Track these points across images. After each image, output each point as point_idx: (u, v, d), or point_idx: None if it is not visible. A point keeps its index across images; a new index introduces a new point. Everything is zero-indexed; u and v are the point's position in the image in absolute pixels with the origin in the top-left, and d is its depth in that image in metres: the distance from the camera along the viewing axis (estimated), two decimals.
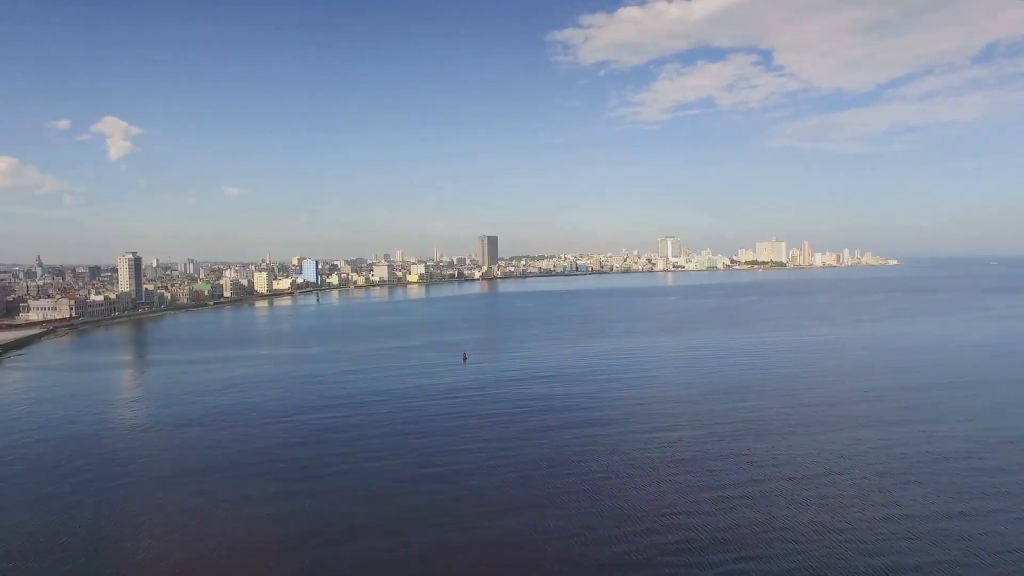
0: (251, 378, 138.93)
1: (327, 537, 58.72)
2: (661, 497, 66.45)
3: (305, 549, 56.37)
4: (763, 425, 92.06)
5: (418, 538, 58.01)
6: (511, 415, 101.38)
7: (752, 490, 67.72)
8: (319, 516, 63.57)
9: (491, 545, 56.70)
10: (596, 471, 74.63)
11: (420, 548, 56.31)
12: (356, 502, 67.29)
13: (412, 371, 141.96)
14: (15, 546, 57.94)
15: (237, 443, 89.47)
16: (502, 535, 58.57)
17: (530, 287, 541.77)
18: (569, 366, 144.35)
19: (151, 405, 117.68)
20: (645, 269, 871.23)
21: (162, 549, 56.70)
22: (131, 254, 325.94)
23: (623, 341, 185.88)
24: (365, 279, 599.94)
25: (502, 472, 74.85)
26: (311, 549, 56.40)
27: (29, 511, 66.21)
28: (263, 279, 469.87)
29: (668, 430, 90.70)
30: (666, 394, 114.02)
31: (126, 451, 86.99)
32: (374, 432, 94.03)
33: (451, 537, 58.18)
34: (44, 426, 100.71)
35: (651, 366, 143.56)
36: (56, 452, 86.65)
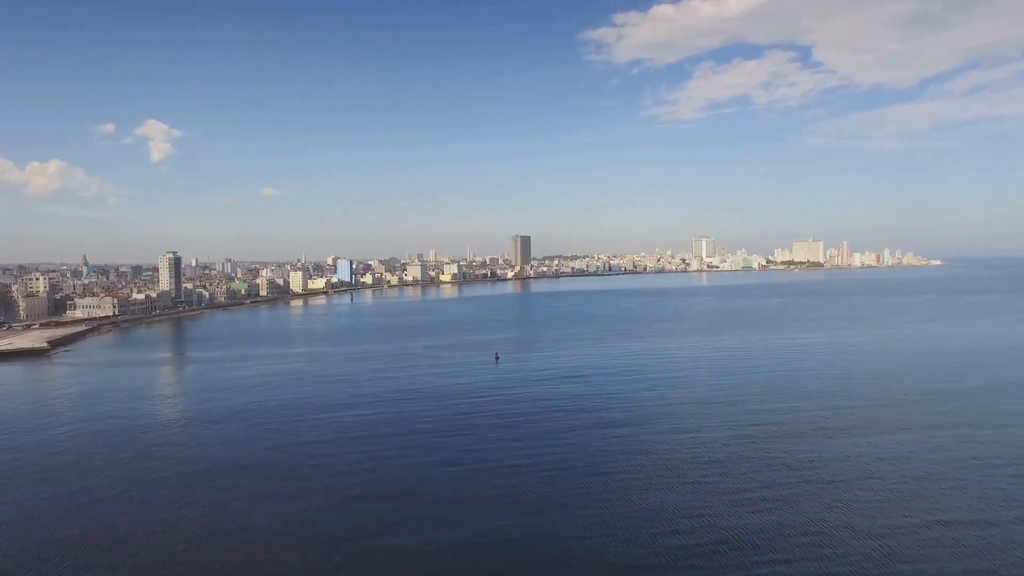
0: (285, 376, 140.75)
1: (352, 534, 58.89)
2: (693, 498, 65.23)
3: (330, 545, 56.52)
4: (799, 427, 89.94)
5: (448, 535, 57.85)
6: (543, 414, 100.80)
7: (787, 492, 66.13)
8: (346, 513, 63.86)
9: (521, 543, 56.24)
10: (628, 471, 73.66)
11: (449, 545, 56.13)
12: (384, 499, 67.45)
13: (444, 370, 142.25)
14: (54, 534, 59.42)
15: (268, 439, 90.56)
16: (533, 533, 58.08)
17: (563, 287, 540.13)
18: (601, 366, 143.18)
19: (187, 401, 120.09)
20: (679, 269, 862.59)
21: (190, 544, 57.41)
22: (171, 254, 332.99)
23: (657, 342, 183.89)
24: (399, 279, 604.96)
25: (534, 471, 74.39)
26: (336, 545, 56.54)
27: (69, 502, 67.93)
28: (298, 278, 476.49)
29: (701, 431, 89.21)
30: (699, 395, 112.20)
31: (162, 445, 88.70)
32: (404, 430, 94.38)
33: (479, 535, 57.93)
34: (87, 419, 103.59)
35: (685, 367, 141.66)
36: (97, 445, 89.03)
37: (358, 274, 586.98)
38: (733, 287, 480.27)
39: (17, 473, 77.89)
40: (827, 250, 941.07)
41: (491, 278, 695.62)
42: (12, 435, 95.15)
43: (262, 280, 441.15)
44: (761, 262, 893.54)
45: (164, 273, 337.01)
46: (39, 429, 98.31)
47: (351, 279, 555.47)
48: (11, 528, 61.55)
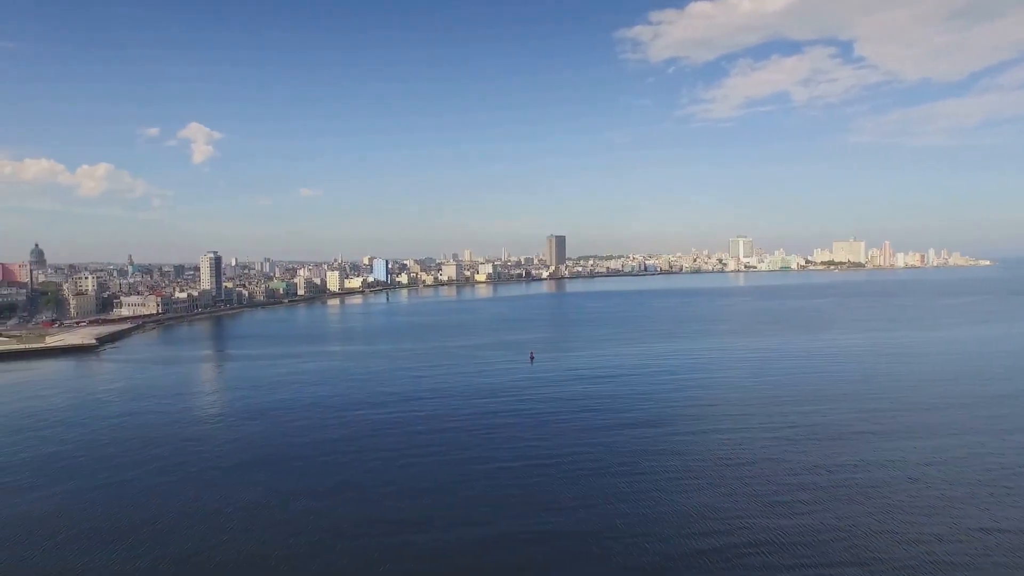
0: (322, 373, 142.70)
1: (386, 529, 59.25)
2: (728, 499, 64.15)
3: (364, 539, 56.99)
4: (840, 430, 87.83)
5: (480, 532, 57.95)
6: (577, 413, 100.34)
7: (826, 495, 64.69)
8: (379, 508, 64.31)
9: (553, 541, 55.94)
10: (661, 471, 72.90)
11: (482, 542, 56.24)
12: (417, 495, 67.86)
13: (479, 369, 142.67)
14: (94, 525, 61.02)
15: (304, 434, 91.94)
16: (565, 532, 57.78)
17: (598, 287, 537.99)
18: (636, 367, 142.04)
19: (227, 397, 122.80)
20: (715, 269, 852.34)
21: (229, 536, 58.46)
22: (212, 253, 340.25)
23: (692, 342, 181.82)
24: (434, 278, 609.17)
25: (568, 469, 74.12)
26: (369, 539, 56.97)
27: (114, 493, 69.73)
28: (335, 278, 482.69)
29: (737, 433, 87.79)
30: (736, 397, 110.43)
31: (202, 439, 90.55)
32: (438, 427, 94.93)
33: (512, 532, 57.82)
34: (133, 414, 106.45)
35: (721, 369, 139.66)
36: (142, 439, 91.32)
37: (394, 274, 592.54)
38: (771, 288, 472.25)
39: (68, 465, 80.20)
40: (869, 250, 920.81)
41: (526, 278, 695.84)
42: (64, 428, 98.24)
43: (300, 279, 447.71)
44: (800, 262, 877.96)
45: (205, 272, 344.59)
46: (88, 423, 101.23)
47: (387, 279, 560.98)
48: (61, 518, 63.29)
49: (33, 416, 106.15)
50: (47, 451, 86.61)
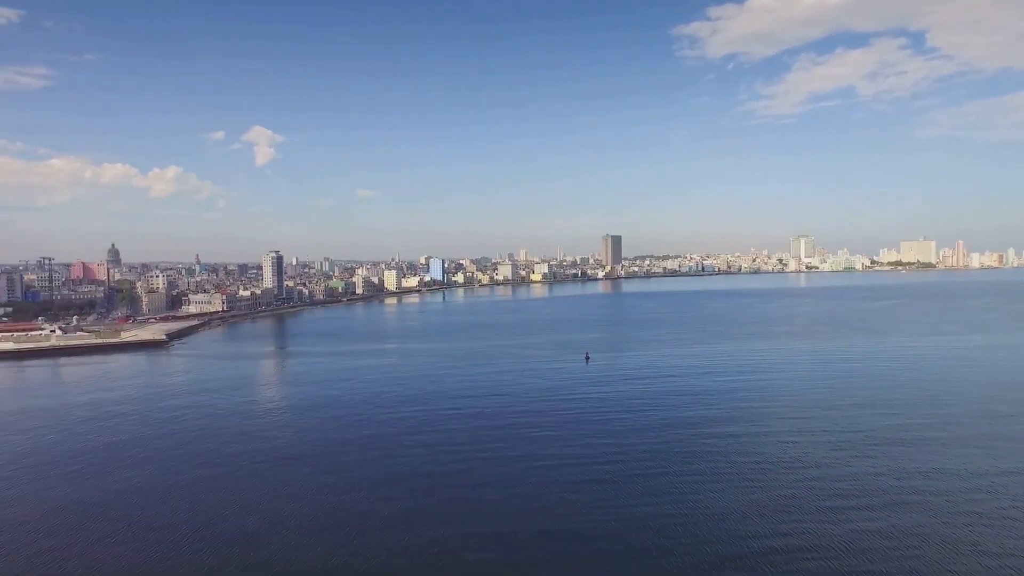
0: (377, 370, 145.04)
1: (435, 520, 59.50)
2: (789, 501, 62.06)
3: (418, 530, 57.27)
4: (907, 436, 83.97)
5: (533, 526, 57.63)
6: (632, 413, 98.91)
7: (892, 499, 62.00)
8: (434, 500, 64.65)
9: (606, 536, 55.32)
10: (718, 471, 71.29)
11: (534, 536, 56.04)
12: (468, 488, 68.63)
13: (534, 369, 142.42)
14: (162, 511, 63.16)
15: (356, 429, 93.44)
16: (618, 527, 57.18)
17: (654, 287, 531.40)
18: (693, 368, 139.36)
19: (285, 392, 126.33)
20: (776, 270, 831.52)
21: (287, 526, 59.74)
22: (274, 253, 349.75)
23: (751, 344, 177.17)
24: (490, 278, 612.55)
25: (622, 466, 73.32)
26: (422, 531, 57.23)
27: (179, 481, 72.15)
28: (392, 277, 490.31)
29: (798, 435, 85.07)
30: (796, 400, 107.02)
31: (258, 433, 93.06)
32: (494, 424, 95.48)
33: (565, 527, 57.26)
34: (199, 407, 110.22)
35: (780, 371, 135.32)
36: (201, 431, 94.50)
37: (450, 273, 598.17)
38: (834, 289, 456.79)
39: (131, 454, 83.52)
40: (940, 250, 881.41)
41: (581, 278, 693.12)
42: (132, 419, 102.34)
43: (358, 279, 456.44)
44: (865, 263, 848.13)
45: (267, 271, 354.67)
46: (155, 415, 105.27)
47: (443, 278, 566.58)
48: (128, 504, 65.89)
49: (106, 407, 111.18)
50: (113, 440, 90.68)
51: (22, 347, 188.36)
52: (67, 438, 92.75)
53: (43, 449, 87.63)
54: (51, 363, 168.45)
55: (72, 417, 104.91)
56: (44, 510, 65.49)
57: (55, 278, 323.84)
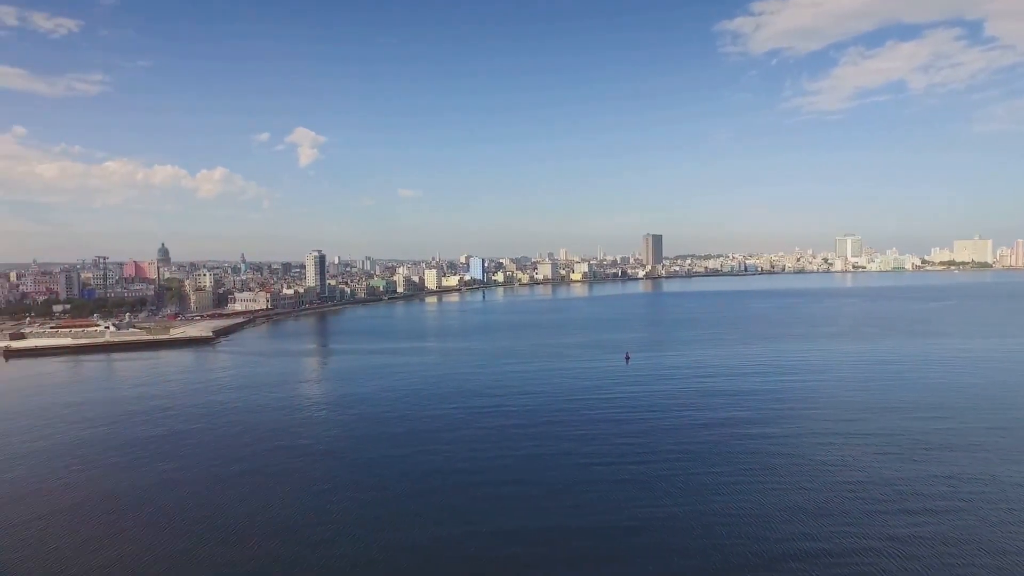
0: (417, 368, 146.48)
1: (468, 515, 60.00)
2: (832, 503, 60.75)
3: (443, 524, 57.89)
4: (962, 441, 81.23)
5: (571, 522, 57.62)
6: (672, 414, 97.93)
7: (947, 505, 60.25)
8: (462, 496, 65.28)
9: (644, 531, 55.28)
10: (759, 471, 70.15)
11: (571, 530, 56.07)
12: (503, 484, 69.26)
13: (573, 368, 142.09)
14: (204, 502, 65.09)
15: (394, 425, 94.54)
16: (657, 524, 56.91)
17: (695, 287, 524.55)
18: (735, 369, 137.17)
19: (326, 389, 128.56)
20: (821, 270, 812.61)
21: (327, 516, 60.93)
22: (316, 252, 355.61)
23: (795, 345, 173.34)
24: (530, 277, 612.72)
25: (663, 465, 72.81)
26: (449, 525, 57.82)
27: (224, 471, 74.28)
28: (433, 276, 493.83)
29: (845, 438, 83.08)
30: (843, 402, 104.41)
31: (300, 428, 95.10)
32: (532, 421, 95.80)
33: (601, 522, 57.18)
34: (243, 401, 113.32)
35: (826, 373, 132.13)
36: (248, 424, 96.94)
37: (490, 272, 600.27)
38: (882, 289, 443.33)
39: (184, 447, 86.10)
40: (997, 249, 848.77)
41: (621, 277, 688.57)
42: (179, 413, 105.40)
43: (399, 277, 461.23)
44: (915, 262, 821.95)
45: (310, 270, 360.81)
46: (204, 409, 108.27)
47: (483, 277, 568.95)
48: (173, 494, 68.03)
49: (155, 401, 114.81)
50: (161, 433, 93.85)
51: (79, 342, 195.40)
52: (119, 430, 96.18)
53: (98, 439, 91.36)
54: (105, 358, 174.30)
55: (124, 410, 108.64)
56: (97, 496, 68.61)
57: (109, 276, 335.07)
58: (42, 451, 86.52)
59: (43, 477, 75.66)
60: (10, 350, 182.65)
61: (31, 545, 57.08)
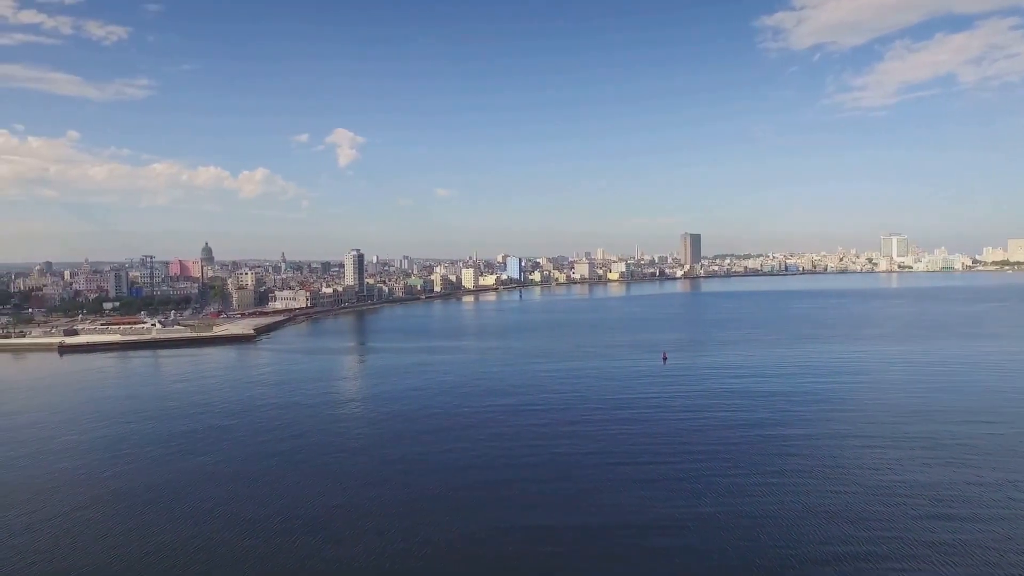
0: (453, 366, 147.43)
1: (500, 511, 59.98)
2: (874, 509, 59.14)
3: (475, 520, 58.03)
4: (1010, 446, 78.29)
5: (604, 519, 57.27)
6: (709, 415, 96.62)
7: (993, 512, 57.93)
8: (494, 492, 65.39)
9: (676, 530, 54.80)
10: (799, 473, 68.70)
11: (603, 527, 55.91)
12: (536, 482, 69.36)
13: (609, 368, 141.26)
14: (246, 494, 66.41)
15: (429, 421, 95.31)
16: (695, 523, 56.33)
17: (735, 287, 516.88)
18: (774, 370, 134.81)
19: (363, 385, 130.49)
20: (864, 270, 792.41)
21: (363, 507, 61.66)
22: (355, 251, 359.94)
23: (837, 347, 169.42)
24: (566, 276, 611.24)
25: (698, 466, 71.88)
26: (481, 520, 57.91)
27: (261, 465, 75.81)
28: (470, 275, 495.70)
29: (890, 441, 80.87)
30: (888, 405, 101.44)
31: (337, 423, 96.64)
32: (564, 419, 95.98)
33: (634, 521, 56.74)
34: (283, 397, 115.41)
35: (870, 375, 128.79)
36: (287, 420, 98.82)
37: (527, 271, 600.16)
38: (929, 290, 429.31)
39: (226, 441, 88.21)
40: None
41: (659, 277, 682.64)
42: (221, 408, 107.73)
43: (436, 277, 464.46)
44: (966, 262, 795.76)
45: (349, 269, 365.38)
46: (244, 405, 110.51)
47: (520, 276, 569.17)
48: (215, 486, 69.62)
49: (199, 396, 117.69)
50: (204, 426, 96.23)
51: (127, 339, 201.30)
52: (163, 423, 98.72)
53: (143, 432, 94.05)
54: (152, 355, 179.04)
55: (168, 404, 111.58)
56: (139, 487, 70.72)
57: (156, 275, 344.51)
58: (90, 442, 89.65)
59: (91, 467, 78.25)
60: (64, 346, 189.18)
61: (75, 533, 59.02)
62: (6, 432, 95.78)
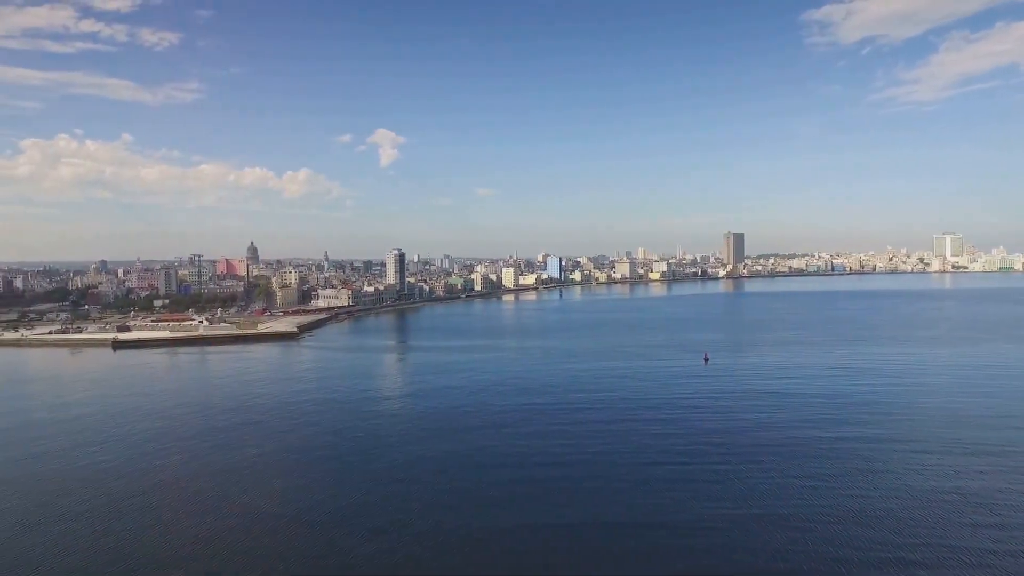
0: (492, 365, 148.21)
1: (536, 506, 60.10)
2: (923, 514, 57.59)
3: (509, 514, 58.29)
4: None
5: (648, 518, 57.09)
6: (750, 416, 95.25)
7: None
8: (530, 487, 65.47)
9: (718, 530, 53.93)
10: (848, 477, 67.36)
11: (646, 525, 55.96)
12: (581, 479, 69.30)
13: (649, 368, 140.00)
14: (286, 485, 68.17)
15: (467, 418, 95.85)
16: (729, 524, 55.48)
17: (779, 287, 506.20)
18: (819, 372, 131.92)
19: (403, 382, 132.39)
20: (916, 270, 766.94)
21: (388, 505, 62.59)
22: (396, 251, 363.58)
23: (885, 348, 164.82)
24: (607, 276, 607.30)
25: (737, 468, 71.24)
26: (515, 516, 58.16)
27: (304, 457, 77.65)
28: (510, 275, 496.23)
29: (939, 446, 78.70)
30: (940, 410, 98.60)
31: (377, 418, 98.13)
32: (606, 418, 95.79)
33: (675, 520, 56.37)
34: (322, 392, 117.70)
35: (919, 379, 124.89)
36: (328, 414, 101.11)
37: (567, 271, 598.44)
38: (986, 291, 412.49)
39: (268, 433, 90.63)
40: None
41: (701, 277, 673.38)
42: (268, 402, 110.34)
43: (477, 276, 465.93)
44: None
45: (390, 268, 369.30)
46: (287, 399, 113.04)
47: (560, 276, 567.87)
48: (256, 475, 71.81)
49: (243, 391, 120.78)
50: (247, 420, 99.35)
51: (176, 335, 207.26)
52: (210, 417, 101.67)
53: (190, 424, 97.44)
54: (199, 351, 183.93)
55: (215, 399, 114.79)
56: (185, 476, 73.76)
57: (203, 273, 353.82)
58: (141, 434, 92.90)
59: (140, 458, 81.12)
60: (118, 341, 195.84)
61: (126, 520, 61.47)
62: (64, 423, 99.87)
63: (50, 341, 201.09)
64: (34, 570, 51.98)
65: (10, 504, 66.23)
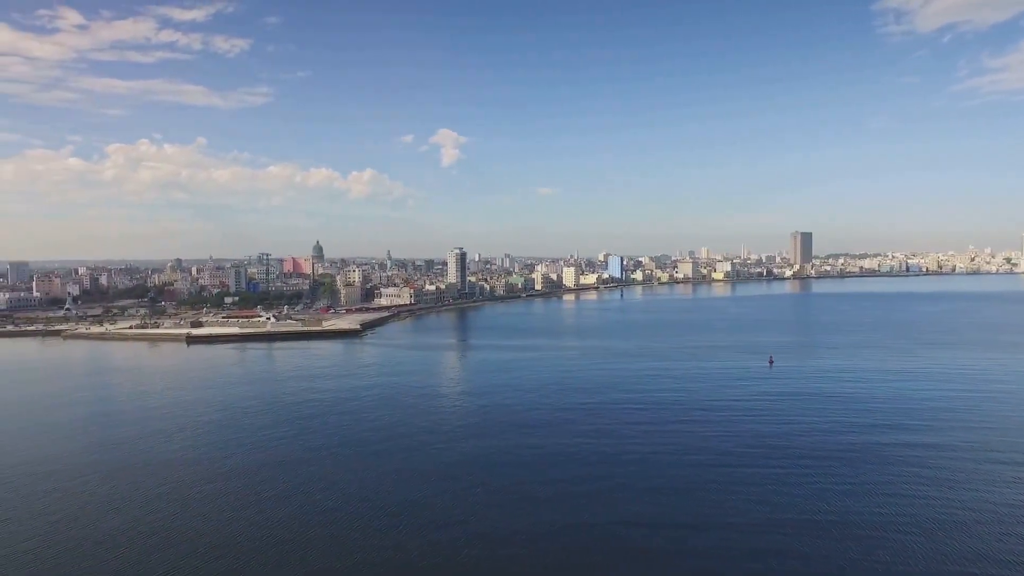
0: (552, 364, 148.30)
1: (592, 504, 59.78)
2: (1006, 535, 54.65)
3: (562, 512, 58.09)
4: None
5: (712, 519, 56.16)
6: (814, 420, 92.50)
7: None
8: (584, 485, 65.17)
9: (785, 533, 52.53)
10: (913, 482, 65.01)
11: (706, 524, 54.82)
12: (640, 479, 68.58)
13: (712, 370, 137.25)
14: (347, 477, 69.77)
15: (526, 414, 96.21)
16: (796, 525, 53.93)
17: (849, 288, 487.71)
18: (893, 377, 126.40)
19: (462, 379, 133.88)
20: (1001, 271, 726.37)
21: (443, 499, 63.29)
22: (457, 249, 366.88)
23: (966, 353, 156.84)
24: (669, 276, 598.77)
25: (805, 471, 69.72)
26: (571, 513, 57.92)
27: (363, 452, 79.37)
28: (571, 274, 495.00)
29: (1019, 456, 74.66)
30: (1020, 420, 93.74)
31: (435, 414, 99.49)
32: (667, 418, 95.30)
33: (734, 521, 55.17)
34: (383, 388, 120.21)
35: (1003, 386, 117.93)
36: (389, 410, 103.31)
37: (628, 270, 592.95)
38: None
39: (331, 427, 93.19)
40: None
41: (766, 277, 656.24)
42: (331, 396, 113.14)
43: (537, 275, 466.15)
44: None
45: (451, 267, 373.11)
46: (349, 394, 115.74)
47: (621, 275, 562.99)
48: (320, 466, 73.78)
49: (308, 385, 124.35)
50: (311, 412, 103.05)
51: (245, 331, 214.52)
52: (275, 410, 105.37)
53: (259, 417, 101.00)
54: (266, 347, 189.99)
55: (281, 392, 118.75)
56: (255, 464, 76.93)
57: (271, 272, 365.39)
58: (212, 423, 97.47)
59: (211, 447, 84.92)
60: (191, 336, 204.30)
61: (195, 503, 64.55)
62: (141, 412, 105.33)
63: (130, 335, 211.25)
64: (121, 551, 54.87)
65: (96, 488, 70.08)
